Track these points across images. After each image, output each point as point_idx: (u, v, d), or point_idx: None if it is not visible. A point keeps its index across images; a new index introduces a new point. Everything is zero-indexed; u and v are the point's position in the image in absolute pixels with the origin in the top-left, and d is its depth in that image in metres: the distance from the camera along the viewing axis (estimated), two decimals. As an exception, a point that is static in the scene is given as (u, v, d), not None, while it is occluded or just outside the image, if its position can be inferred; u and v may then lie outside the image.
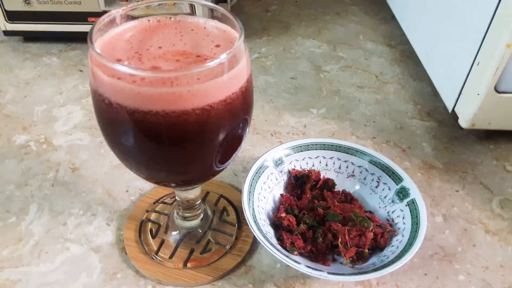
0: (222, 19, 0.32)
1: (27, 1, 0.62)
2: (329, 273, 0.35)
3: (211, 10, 0.32)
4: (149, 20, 0.32)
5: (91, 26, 0.29)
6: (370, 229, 0.38)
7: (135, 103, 0.26)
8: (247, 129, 0.33)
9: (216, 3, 0.69)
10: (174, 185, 0.36)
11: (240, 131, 0.32)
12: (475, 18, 0.46)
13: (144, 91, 0.26)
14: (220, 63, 0.27)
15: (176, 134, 0.28)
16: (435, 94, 0.62)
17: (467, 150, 0.53)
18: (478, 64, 0.46)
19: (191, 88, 0.26)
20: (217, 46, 0.31)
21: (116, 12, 0.31)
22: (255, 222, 0.38)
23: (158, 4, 0.33)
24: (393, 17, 0.77)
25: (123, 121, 0.28)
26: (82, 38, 0.68)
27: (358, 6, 0.84)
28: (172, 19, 0.33)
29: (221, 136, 0.30)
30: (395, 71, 0.67)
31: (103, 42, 0.30)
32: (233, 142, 0.32)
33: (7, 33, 0.66)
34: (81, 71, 0.64)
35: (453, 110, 0.51)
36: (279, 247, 0.38)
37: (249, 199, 0.40)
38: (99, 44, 0.30)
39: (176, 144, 0.29)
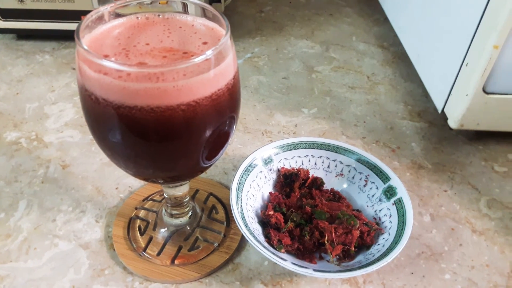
0: (210, 17, 0.33)
1: (20, -1, 0.62)
2: (315, 270, 0.35)
3: (201, 8, 0.32)
4: (137, 17, 0.33)
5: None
6: (357, 227, 0.38)
7: (120, 98, 0.27)
8: (234, 126, 0.33)
9: (210, 3, 0.70)
10: (162, 181, 0.36)
11: (226, 128, 0.32)
12: (464, 19, 0.47)
13: (129, 86, 0.26)
14: (206, 59, 0.27)
15: (162, 130, 0.28)
16: (425, 95, 0.62)
17: (456, 151, 0.54)
18: (467, 65, 0.47)
19: (176, 84, 0.26)
20: (204, 43, 0.31)
21: (104, 9, 0.31)
22: (243, 219, 0.38)
23: (150, 2, 0.33)
24: (386, 19, 0.77)
25: (110, 117, 0.28)
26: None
27: (352, 8, 0.85)
28: (160, 16, 0.33)
29: (207, 133, 0.30)
30: (387, 72, 0.67)
31: (91, 38, 0.30)
32: (220, 139, 0.32)
33: (0, 30, 0.66)
34: (73, 69, 0.64)
35: (442, 111, 0.52)
36: (266, 244, 0.38)
37: (238, 197, 0.40)
38: (86, 40, 0.30)
39: (162, 140, 0.30)
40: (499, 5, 0.42)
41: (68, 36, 0.68)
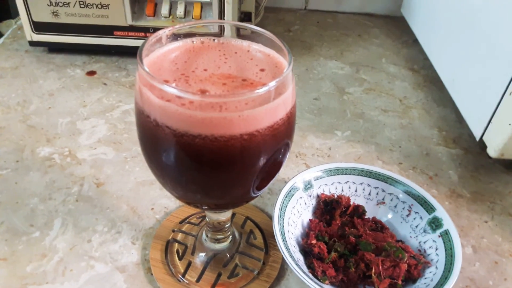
0: (265, 42, 0.32)
1: (55, 13, 0.62)
2: (363, 304, 0.34)
3: (258, 33, 0.32)
4: (193, 41, 0.32)
5: (118, 39, 0.29)
6: (405, 260, 0.37)
7: (185, 126, 0.26)
8: (288, 154, 0.33)
9: (241, 22, 0.70)
10: (206, 207, 0.35)
11: (281, 156, 0.31)
12: (508, 47, 0.46)
13: (196, 115, 0.25)
14: (269, 90, 0.27)
15: (221, 158, 0.28)
16: (459, 121, 0.61)
17: (494, 180, 0.53)
18: (510, 94, 0.46)
19: (242, 114, 0.26)
20: (262, 70, 0.31)
21: (163, 32, 0.30)
22: (287, 249, 0.37)
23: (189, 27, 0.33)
24: (415, 40, 0.77)
25: (169, 142, 0.28)
26: (106, 51, 0.69)
27: (379, 29, 0.84)
28: (216, 41, 0.33)
29: (263, 161, 0.30)
30: (419, 96, 0.66)
31: (149, 61, 0.30)
32: (274, 168, 0.32)
33: (32, 43, 0.66)
34: (105, 84, 0.64)
35: (481, 138, 0.51)
36: (310, 275, 0.37)
37: (280, 224, 0.39)
38: (145, 63, 0.29)
39: (218, 168, 0.29)
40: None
41: (99, 51, 0.69)
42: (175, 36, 0.32)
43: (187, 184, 0.31)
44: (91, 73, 0.66)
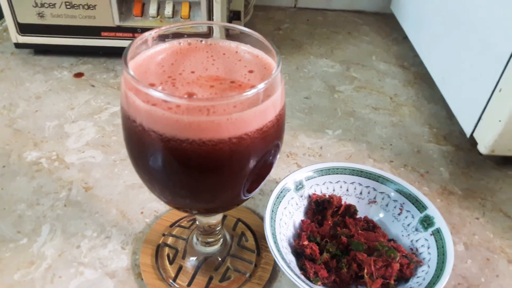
0: (254, 43, 0.32)
1: (40, 14, 0.61)
2: (355, 305, 0.34)
3: (247, 34, 0.31)
4: (180, 43, 0.32)
5: (108, 41, 0.28)
6: (397, 259, 0.37)
7: (172, 131, 0.25)
8: (278, 155, 0.32)
9: (230, 21, 0.69)
10: (196, 212, 0.35)
11: (271, 158, 0.31)
12: (498, 44, 0.46)
13: (182, 119, 0.25)
14: (258, 92, 0.26)
15: (209, 163, 0.27)
16: (450, 117, 0.61)
17: (485, 176, 0.53)
18: (500, 90, 0.46)
19: (230, 117, 0.25)
20: (250, 71, 0.30)
21: (149, 34, 0.30)
22: (279, 251, 0.37)
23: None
24: (405, 38, 0.77)
25: (156, 147, 0.27)
26: (93, 52, 0.68)
27: (369, 26, 0.84)
28: (203, 42, 0.32)
29: (253, 163, 0.29)
30: (409, 93, 0.66)
31: (135, 64, 0.29)
32: (264, 169, 0.31)
33: (18, 45, 0.65)
34: (93, 86, 0.63)
35: (471, 135, 0.51)
36: (303, 277, 0.36)
37: (271, 226, 0.39)
38: (131, 66, 0.29)
39: (206, 172, 0.28)
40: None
41: (86, 52, 0.68)
42: (162, 38, 0.31)
43: (175, 189, 0.30)
44: (79, 75, 0.65)
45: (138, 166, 0.31)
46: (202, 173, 0.28)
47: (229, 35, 0.33)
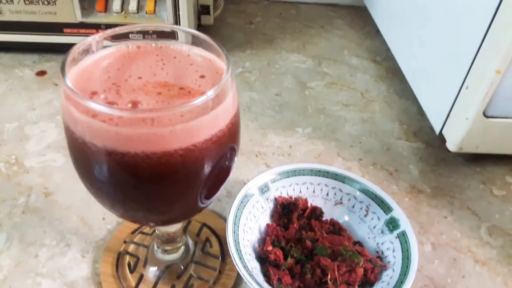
0: (206, 46, 0.30)
1: (-2, 11, 0.59)
2: (318, 313, 0.33)
3: (194, 36, 0.30)
4: (128, 46, 0.30)
5: (61, 38, 0.27)
6: (361, 264, 0.36)
7: (111, 144, 0.24)
8: (235, 158, 0.31)
9: (199, 15, 0.67)
10: (153, 224, 0.33)
11: (228, 162, 0.30)
12: (464, 41, 0.46)
13: (122, 132, 0.24)
14: (207, 100, 0.25)
15: (157, 175, 0.26)
16: (421, 113, 0.61)
17: (454, 173, 0.53)
18: (467, 88, 0.45)
19: (174, 128, 0.24)
20: (202, 77, 0.29)
21: (92, 39, 0.28)
22: (240, 258, 0.36)
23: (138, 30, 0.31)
24: (377, 31, 0.76)
25: (99, 160, 0.26)
26: (56, 50, 0.65)
27: (343, 19, 0.83)
28: (153, 45, 0.31)
29: (206, 173, 0.28)
30: (381, 89, 0.66)
31: (78, 71, 0.28)
32: (221, 175, 0.30)
33: (-24, 43, 0.62)
34: (56, 84, 0.61)
35: (440, 132, 0.51)
36: (265, 284, 0.36)
37: (234, 232, 0.38)
38: (73, 74, 0.27)
39: (156, 184, 0.27)
40: (503, 30, 0.40)
41: (50, 49, 0.65)
42: (112, 39, 0.30)
43: (125, 202, 0.29)
44: (41, 73, 0.63)
45: (84, 179, 0.29)
46: (151, 185, 0.27)
47: (201, 25, 0.31)
